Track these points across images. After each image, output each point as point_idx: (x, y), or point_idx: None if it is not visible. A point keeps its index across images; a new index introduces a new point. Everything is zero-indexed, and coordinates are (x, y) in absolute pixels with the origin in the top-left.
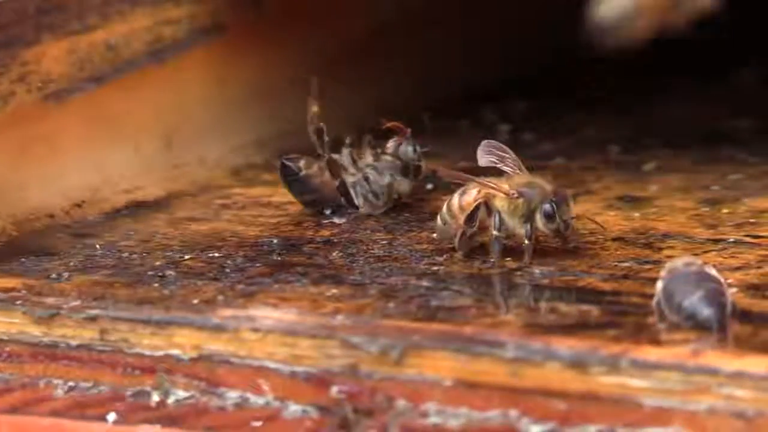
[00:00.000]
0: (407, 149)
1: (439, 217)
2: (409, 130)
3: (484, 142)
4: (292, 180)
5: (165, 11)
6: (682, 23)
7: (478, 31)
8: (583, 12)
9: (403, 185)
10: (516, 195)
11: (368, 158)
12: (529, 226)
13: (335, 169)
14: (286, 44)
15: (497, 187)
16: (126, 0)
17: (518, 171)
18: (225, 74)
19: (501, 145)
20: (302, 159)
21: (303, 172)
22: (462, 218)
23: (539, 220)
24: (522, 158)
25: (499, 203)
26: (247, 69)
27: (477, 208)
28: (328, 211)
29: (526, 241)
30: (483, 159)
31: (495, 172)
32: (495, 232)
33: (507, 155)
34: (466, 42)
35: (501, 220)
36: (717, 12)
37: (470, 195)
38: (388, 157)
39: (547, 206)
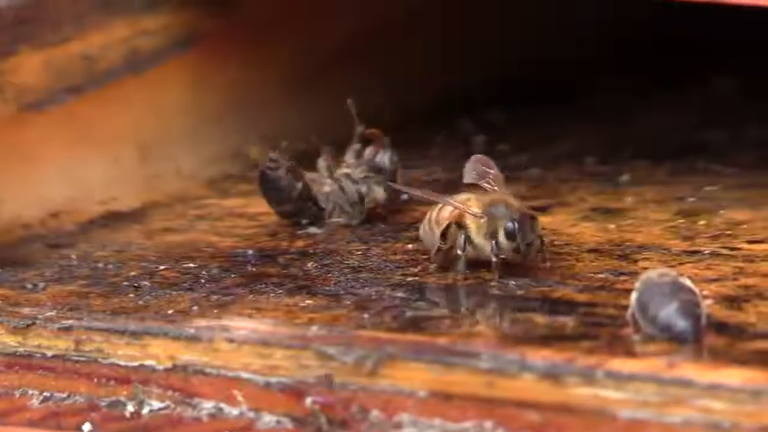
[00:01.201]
0: (384, 158)
1: (421, 228)
2: (387, 138)
3: (472, 158)
4: (270, 189)
5: (141, 22)
6: None
7: (456, 40)
8: (563, 20)
9: (379, 194)
10: (480, 215)
11: (344, 168)
12: (494, 243)
13: (297, 173)
14: (262, 54)
15: (463, 208)
16: (102, 11)
17: (495, 188)
18: (201, 85)
19: (488, 160)
20: (281, 168)
21: (281, 182)
22: (438, 232)
23: (501, 239)
24: (500, 170)
25: (468, 221)
26: (222, 79)
27: (448, 226)
28: (305, 222)
29: (493, 258)
30: (467, 176)
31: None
32: (458, 251)
33: (491, 171)
34: (443, 52)
35: (468, 238)
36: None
37: (446, 211)
38: (364, 166)
39: (509, 225)
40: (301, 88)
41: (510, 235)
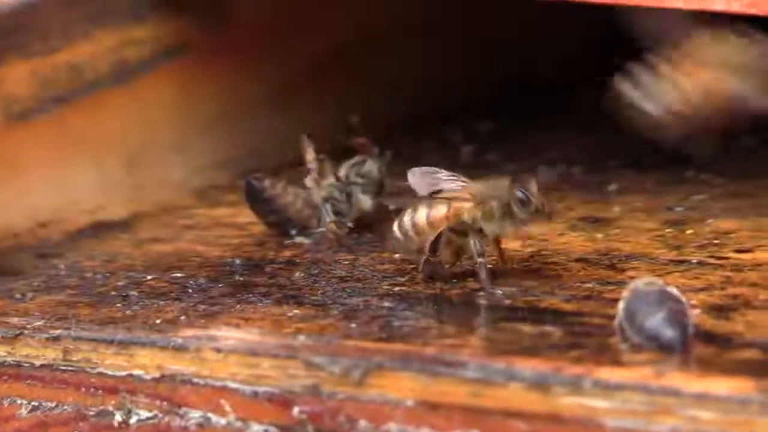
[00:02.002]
0: (371, 167)
1: (398, 230)
2: (374, 148)
3: (412, 171)
4: (256, 200)
5: (129, 32)
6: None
7: (443, 51)
8: (548, 30)
9: (366, 204)
10: (486, 199)
11: (331, 177)
12: (540, 216)
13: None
14: (250, 64)
15: (465, 197)
16: (90, 21)
17: (461, 182)
18: (188, 95)
19: (431, 168)
20: (267, 179)
21: (268, 192)
22: (429, 233)
23: (518, 211)
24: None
25: (471, 214)
26: (210, 89)
27: (440, 235)
28: (293, 232)
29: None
30: (421, 186)
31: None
32: (480, 259)
33: (440, 173)
34: (429, 63)
35: (480, 242)
36: None
37: (440, 209)
38: (352, 176)
39: (518, 193)
40: (288, 99)
41: (524, 202)
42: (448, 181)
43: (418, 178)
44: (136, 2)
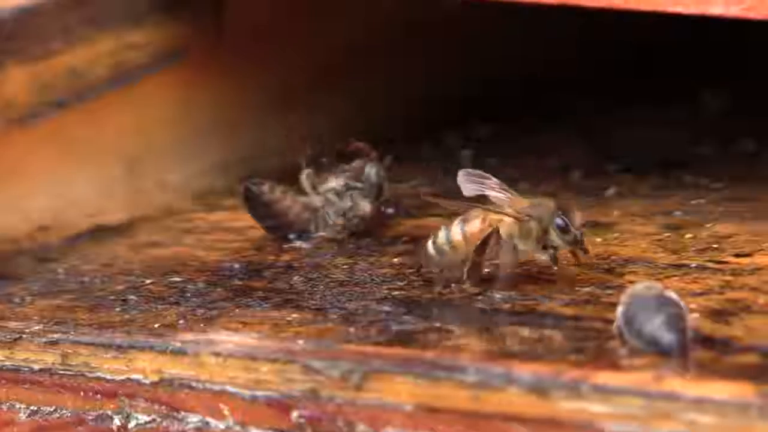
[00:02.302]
0: (370, 172)
1: (432, 247)
2: (374, 152)
3: (462, 172)
4: (255, 204)
5: (127, 36)
6: None
7: (441, 56)
8: (548, 33)
9: (365, 208)
10: (527, 218)
11: (330, 182)
12: (552, 252)
13: (282, 188)
14: (249, 69)
15: (506, 212)
16: (89, 25)
17: (509, 194)
18: (187, 99)
19: (480, 171)
20: (265, 183)
21: (266, 197)
22: (465, 248)
23: (555, 237)
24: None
25: (509, 229)
26: (209, 93)
27: (488, 237)
28: (292, 236)
29: (554, 267)
30: (467, 188)
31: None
32: (506, 261)
33: (489, 180)
34: (428, 67)
35: (513, 246)
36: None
37: (474, 224)
38: (351, 180)
39: (559, 220)
40: (286, 104)
41: (563, 230)
42: (494, 189)
43: (465, 179)
44: (134, 7)
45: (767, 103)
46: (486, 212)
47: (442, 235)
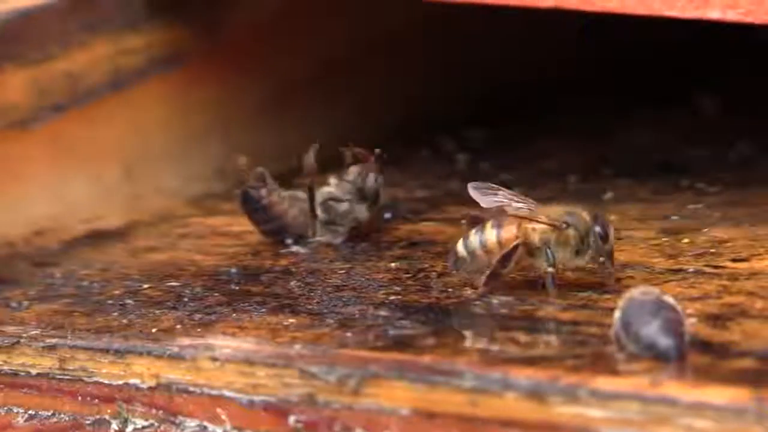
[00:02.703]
0: (368, 176)
1: (464, 249)
2: (372, 156)
3: (472, 185)
4: (253, 208)
5: (125, 40)
6: None
7: (437, 60)
8: (545, 38)
9: (363, 213)
10: (564, 225)
11: (327, 186)
12: (608, 258)
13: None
14: (246, 73)
15: (547, 220)
16: (86, 30)
17: (529, 204)
18: (184, 103)
19: (489, 184)
20: (264, 187)
21: (265, 201)
22: (498, 253)
23: (591, 247)
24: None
25: (544, 237)
26: (206, 98)
27: (515, 248)
28: (289, 241)
29: (610, 269)
30: (485, 200)
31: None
32: (550, 269)
33: (502, 191)
34: (424, 71)
35: (553, 255)
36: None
37: (509, 230)
38: (348, 185)
39: (599, 229)
40: (283, 108)
41: (603, 239)
42: (514, 200)
43: (479, 192)
44: (131, 11)
45: (763, 106)
46: (522, 219)
47: (474, 238)
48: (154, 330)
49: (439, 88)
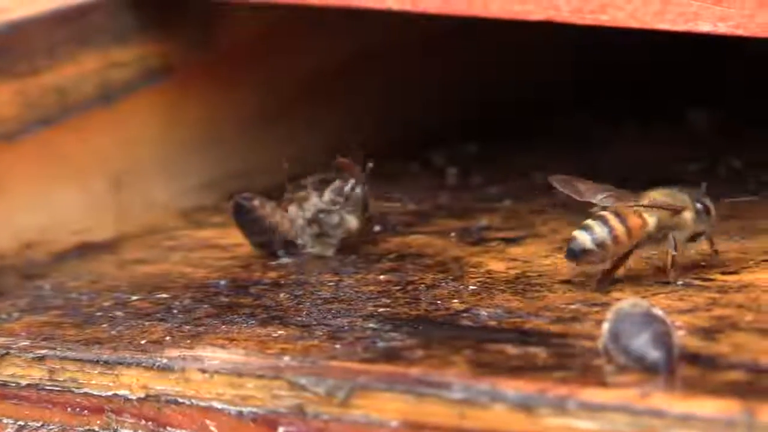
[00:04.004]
0: (355, 188)
1: (592, 242)
2: (358, 168)
3: (555, 179)
4: (244, 220)
5: (113, 53)
6: None
7: (428, 75)
8: (532, 52)
9: (352, 224)
10: (702, 207)
11: (315, 199)
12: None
13: (271, 204)
14: (236, 86)
15: (672, 206)
16: (75, 42)
17: (627, 193)
18: (174, 116)
19: (568, 176)
20: (256, 198)
21: (257, 212)
22: (627, 242)
23: (702, 222)
24: (470, 201)
25: (663, 222)
26: (196, 111)
27: (636, 246)
28: (280, 253)
29: (713, 249)
30: (582, 193)
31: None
32: (675, 252)
33: (587, 182)
34: (414, 86)
35: (676, 239)
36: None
37: (634, 220)
38: (337, 197)
39: (707, 202)
40: (272, 120)
41: (709, 213)
42: (608, 190)
43: (570, 186)
44: (120, 24)
45: (752, 120)
46: (639, 208)
47: (601, 231)
48: (143, 341)
49: (430, 103)
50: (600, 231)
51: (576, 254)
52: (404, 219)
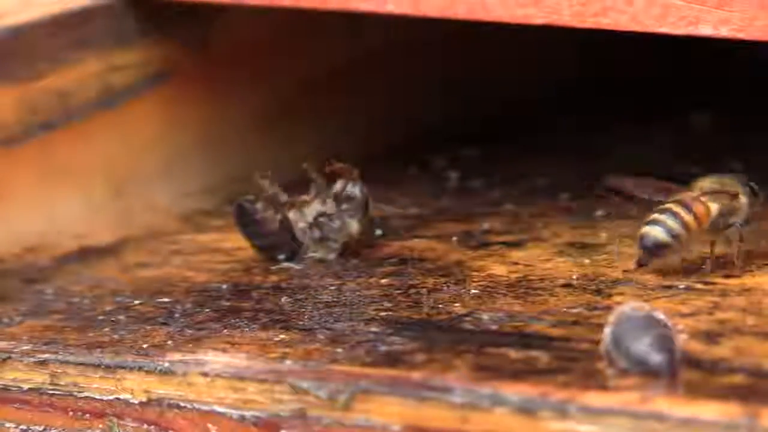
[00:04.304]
0: (354, 190)
1: (668, 235)
2: (356, 171)
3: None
4: (247, 222)
5: (114, 57)
6: None
7: (428, 78)
8: (534, 56)
9: (353, 228)
10: (751, 191)
11: (316, 203)
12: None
13: (276, 206)
14: (236, 89)
15: (731, 191)
16: (76, 46)
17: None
18: (175, 120)
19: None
20: (259, 201)
21: (259, 215)
22: (697, 231)
23: (753, 204)
24: (471, 204)
25: (723, 208)
26: (196, 114)
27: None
28: (282, 257)
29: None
30: (651, 192)
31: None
32: (740, 243)
33: (641, 177)
34: (414, 88)
35: (739, 229)
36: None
37: (699, 208)
38: (336, 201)
39: (753, 185)
40: (273, 124)
41: (757, 195)
42: (657, 184)
43: (631, 183)
44: (121, 28)
45: (753, 122)
46: (700, 195)
47: (673, 224)
48: (145, 345)
49: (430, 107)
50: (672, 222)
51: (651, 249)
52: (405, 223)
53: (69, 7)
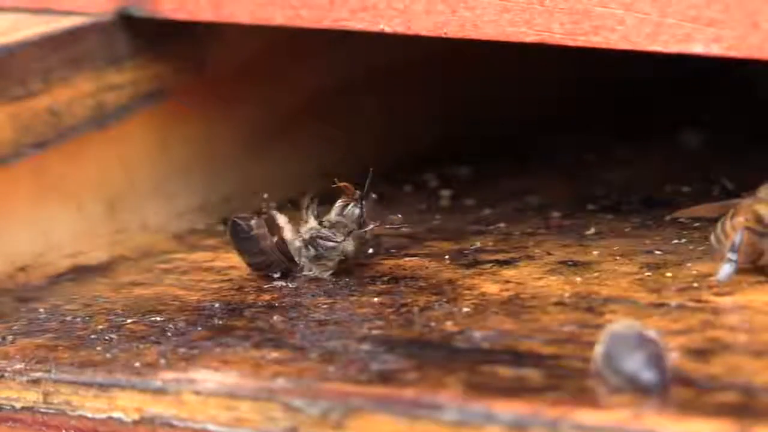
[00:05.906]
0: (353, 211)
1: (714, 239)
2: (357, 191)
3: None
4: (241, 240)
5: (107, 76)
6: None
7: (421, 97)
8: (527, 74)
9: (349, 247)
10: None
11: (313, 221)
12: None
13: (270, 225)
14: (229, 109)
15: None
16: (69, 65)
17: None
18: (168, 139)
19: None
20: (253, 219)
21: (254, 232)
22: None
23: None
24: (463, 223)
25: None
26: (189, 134)
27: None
28: (276, 275)
29: None
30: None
31: None
32: None
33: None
34: (408, 108)
35: None
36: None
37: (737, 217)
38: (334, 220)
39: None
40: (266, 144)
41: None
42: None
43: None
44: (114, 48)
45: (746, 140)
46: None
47: (717, 227)
48: (137, 364)
49: (424, 126)
50: (717, 227)
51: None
52: (398, 241)
53: (62, 26)
